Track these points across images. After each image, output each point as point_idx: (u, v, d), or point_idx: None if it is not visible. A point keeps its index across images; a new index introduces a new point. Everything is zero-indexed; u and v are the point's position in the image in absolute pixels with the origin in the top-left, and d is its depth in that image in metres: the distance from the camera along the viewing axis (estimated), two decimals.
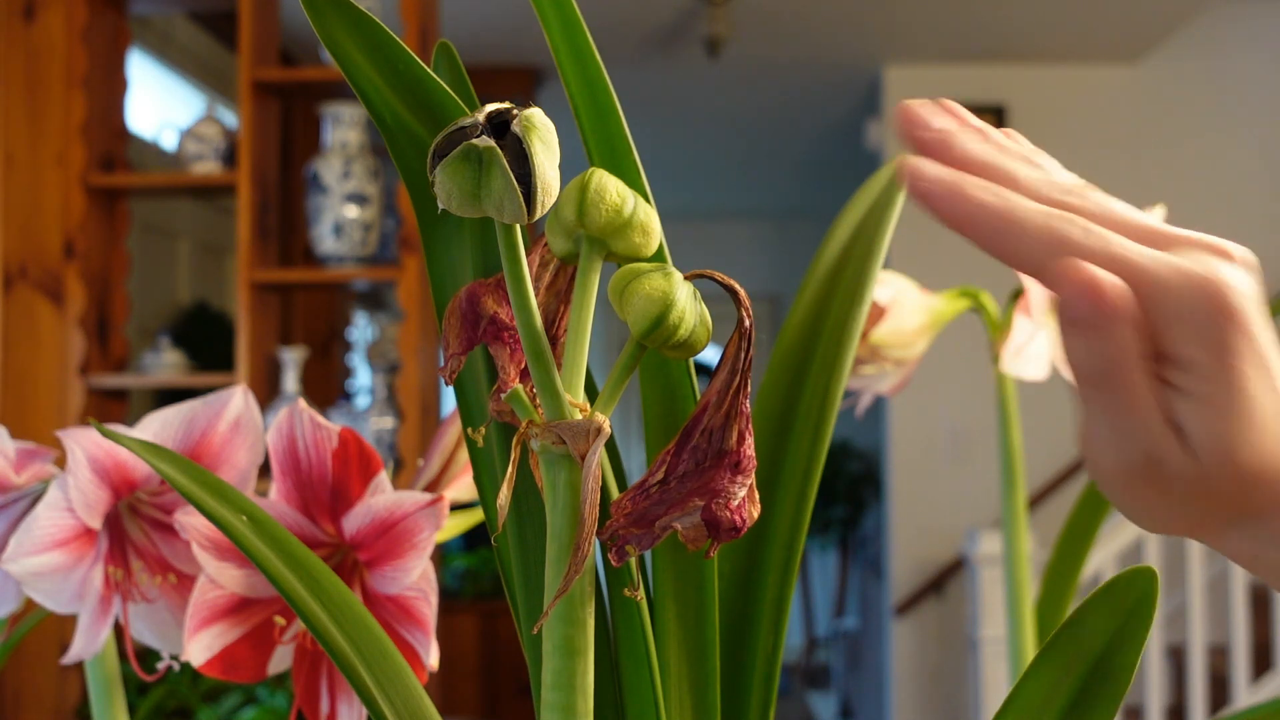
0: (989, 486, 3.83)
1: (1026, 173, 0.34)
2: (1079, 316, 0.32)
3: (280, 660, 0.57)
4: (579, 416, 0.39)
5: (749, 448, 0.39)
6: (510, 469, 0.39)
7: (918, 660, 4.02)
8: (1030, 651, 0.83)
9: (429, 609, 0.54)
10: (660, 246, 0.43)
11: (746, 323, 0.39)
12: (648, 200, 0.42)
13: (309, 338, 3.40)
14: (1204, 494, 0.33)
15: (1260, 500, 0.33)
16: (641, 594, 0.44)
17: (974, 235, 0.33)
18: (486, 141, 0.35)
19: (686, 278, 0.39)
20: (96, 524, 0.56)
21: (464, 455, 0.62)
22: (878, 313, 0.82)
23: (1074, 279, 0.31)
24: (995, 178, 0.34)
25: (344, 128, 2.47)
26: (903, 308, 0.82)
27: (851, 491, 5.85)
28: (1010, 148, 0.35)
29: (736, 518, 0.39)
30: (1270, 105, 3.96)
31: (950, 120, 0.35)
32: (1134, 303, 0.32)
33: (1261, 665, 3.32)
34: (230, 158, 2.52)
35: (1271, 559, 0.35)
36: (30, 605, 0.59)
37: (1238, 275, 0.32)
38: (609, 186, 0.38)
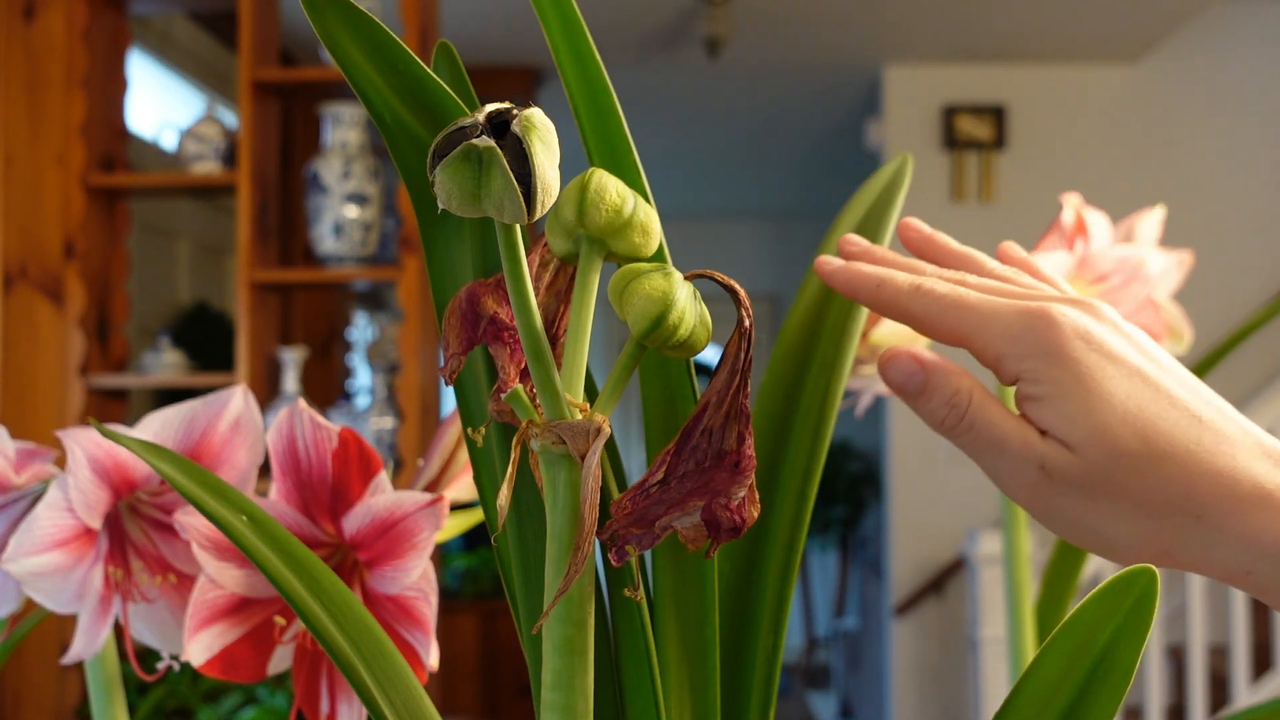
0: (989, 486, 3.83)
1: (920, 264, 0.43)
2: (904, 387, 0.39)
3: (280, 660, 0.57)
4: (579, 416, 0.39)
5: (749, 448, 0.39)
6: (510, 469, 0.39)
7: (918, 660, 4.02)
8: (1030, 651, 0.83)
9: (429, 609, 0.54)
10: (660, 246, 0.43)
11: (746, 323, 0.39)
12: (648, 200, 0.42)
13: (309, 338, 3.40)
14: (1108, 484, 0.37)
15: (1166, 487, 0.36)
16: (641, 594, 0.44)
17: (858, 296, 0.42)
18: (486, 141, 0.35)
19: (686, 278, 0.39)
20: (96, 524, 0.56)
21: (464, 455, 0.62)
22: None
23: (892, 359, 0.39)
24: (895, 268, 0.43)
25: (344, 128, 2.47)
26: None
27: (851, 491, 5.85)
28: (918, 264, 0.44)
29: (736, 518, 0.39)
30: (1270, 105, 3.96)
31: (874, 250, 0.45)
32: (946, 363, 0.39)
33: (1261, 665, 3.32)
34: (230, 158, 2.52)
35: (1262, 571, 0.35)
36: (30, 605, 0.59)
37: (1067, 308, 0.38)
38: (609, 186, 0.38)
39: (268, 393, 2.47)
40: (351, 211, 2.44)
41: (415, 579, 0.54)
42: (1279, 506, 0.35)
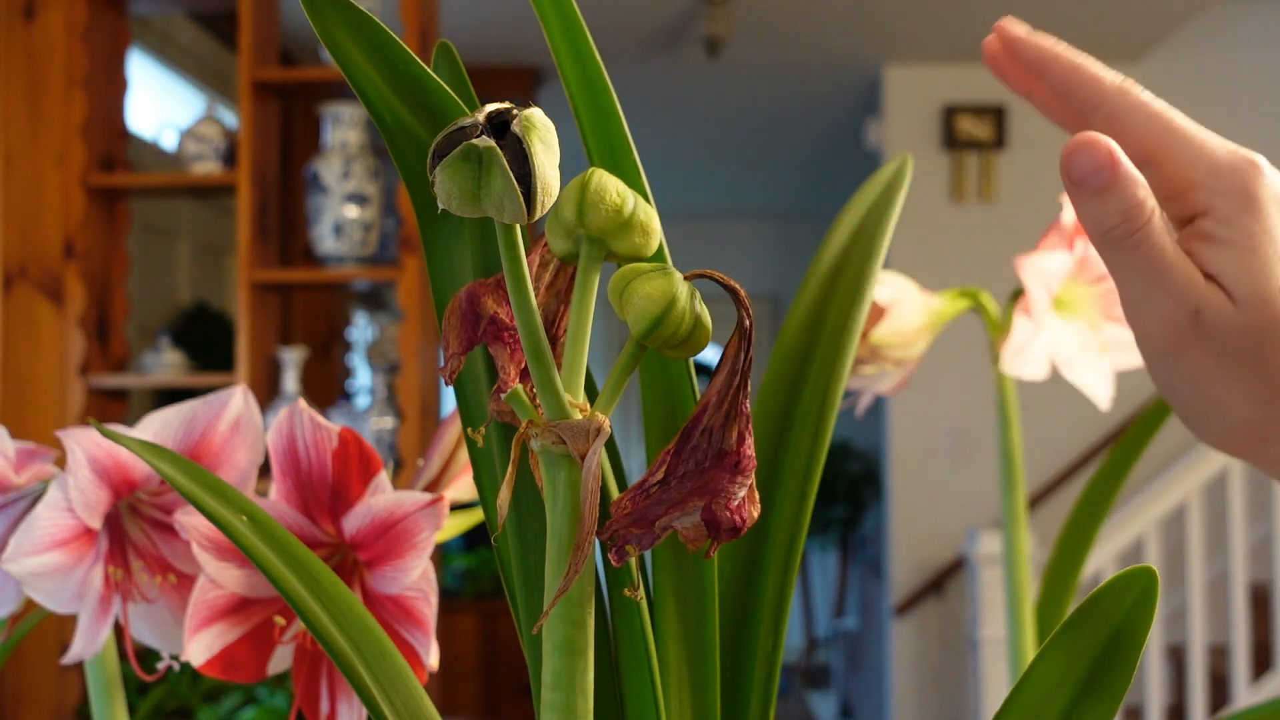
0: (989, 486, 3.83)
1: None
2: (1087, 179, 0.35)
3: (280, 660, 0.57)
4: (579, 416, 0.39)
5: (749, 448, 0.39)
6: (510, 469, 0.39)
7: (918, 660, 4.02)
8: (1030, 651, 0.83)
9: (429, 609, 0.54)
10: (660, 246, 0.43)
11: (746, 323, 0.39)
12: (648, 200, 0.42)
13: (309, 338, 3.40)
14: (1254, 352, 0.35)
15: None
16: (641, 594, 0.44)
17: (1048, 72, 0.38)
18: (486, 141, 0.35)
19: (686, 278, 0.39)
20: (96, 524, 0.56)
21: (464, 455, 0.62)
22: (878, 313, 0.82)
23: (1086, 145, 0.35)
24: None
25: (344, 128, 2.47)
26: (903, 308, 0.82)
27: (851, 491, 5.85)
28: None
29: (736, 518, 0.39)
30: (1271, 104, 3.96)
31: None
32: (1133, 171, 0.35)
33: (1261, 665, 3.32)
34: (230, 158, 2.52)
35: None
36: (30, 605, 0.59)
37: (1272, 168, 0.36)
38: (609, 186, 0.38)
39: (268, 393, 2.47)
40: (351, 211, 2.44)
41: (415, 579, 0.54)
42: None
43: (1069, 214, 0.80)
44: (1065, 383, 0.83)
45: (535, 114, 0.36)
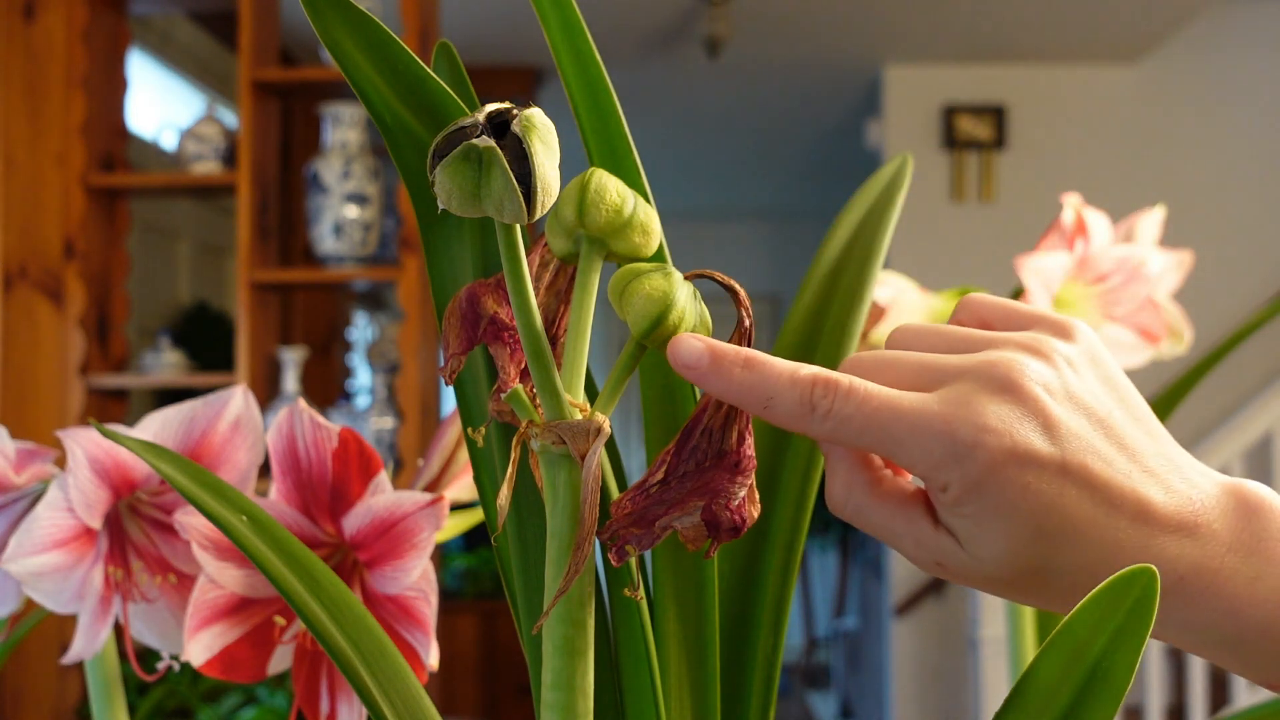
0: None
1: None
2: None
3: (280, 660, 0.57)
4: (579, 416, 0.39)
5: (749, 448, 0.39)
6: (510, 469, 0.39)
7: (918, 660, 4.02)
8: (1030, 651, 0.83)
9: (429, 609, 0.54)
10: (660, 246, 0.43)
11: (746, 323, 0.39)
12: (648, 200, 0.42)
13: (309, 338, 3.40)
14: (1005, 585, 0.37)
15: (1062, 576, 0.38)
16: (641, 594, 0.44)
17: (712, 385, 0.37)
18: (486, 141, 0.35)
19: (686, 278, 0.39)
20: (96, 524, 0.56)
21: (464, 455, 0.62)
22: (878, 313, 0.82)
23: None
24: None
25: (344, 128, 2.47)
26: (903, 308, 0.82)
27: None
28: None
29: (736, 518, 0.39)
30: (1270, 105, 3.96)
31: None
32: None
33: None
34: (230, 158, 2.52)
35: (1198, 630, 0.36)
36: (30, 605, 0.59)
37: (998, 407, 0.35)
38: (609, 186, 0.38)
39: (268, 393, 2.47)
40: (351, 211, 2.44)
41: (415, 579, 0.54)
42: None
43: (1069, 214, 0.80)
44: None
45: (535, 114, 0.36)
